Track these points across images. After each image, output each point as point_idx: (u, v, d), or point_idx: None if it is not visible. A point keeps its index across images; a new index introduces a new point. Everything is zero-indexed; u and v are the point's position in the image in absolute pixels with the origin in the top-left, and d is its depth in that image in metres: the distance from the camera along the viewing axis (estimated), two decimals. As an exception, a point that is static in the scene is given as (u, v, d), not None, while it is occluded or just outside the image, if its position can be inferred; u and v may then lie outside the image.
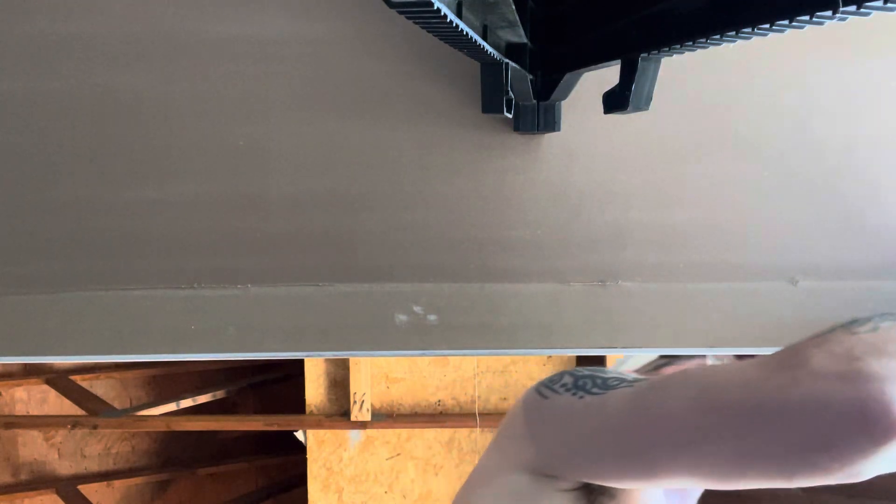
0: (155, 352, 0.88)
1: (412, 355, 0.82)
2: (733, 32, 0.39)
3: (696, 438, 0.55)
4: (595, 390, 0.67)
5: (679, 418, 0.56)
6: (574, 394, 0.68)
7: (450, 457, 3.66)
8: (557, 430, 0.68)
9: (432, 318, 0.89)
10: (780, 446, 0.51)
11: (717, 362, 1.06)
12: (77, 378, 4.13)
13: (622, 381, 0.67)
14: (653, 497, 0.71)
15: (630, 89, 0.57)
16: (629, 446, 0.60)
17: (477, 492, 0.72)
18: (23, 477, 4.21)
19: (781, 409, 0.50)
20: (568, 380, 0.71)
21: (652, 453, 0.59)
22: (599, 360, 3.61)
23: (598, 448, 0.63)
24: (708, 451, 0.55)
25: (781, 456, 0.52)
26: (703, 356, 1.02)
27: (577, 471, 0.65)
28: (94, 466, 4.42)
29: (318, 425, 3.57)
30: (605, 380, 0.68)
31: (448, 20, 0.38)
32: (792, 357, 0.53)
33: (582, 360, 3.69)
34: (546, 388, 0.73)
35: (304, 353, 0.89)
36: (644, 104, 0.59)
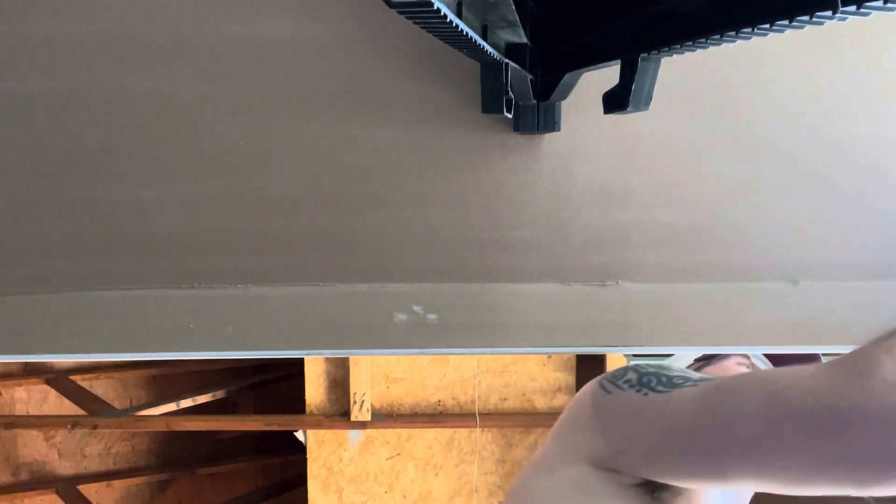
0: (154, 350, 0.88)
1: (412, 353, 0.82)
2: (733, 32, 0.39)
3: (767, 445, 0.56)
4: (660, 388, 0.67)
5: (750, 424, 0.56)
6: (638, 390, 0.67)
7: (450, 457, 3.66)
8: (621, 426, 0.68)
9: (432, 317, 0.89)
10: (855, 457, 0.51)
11: (762, 359, 1.06)
12: (77, 378, 4.13)
13: (687, 379, 0.66)
14: (710, 494, 0.71)
15: (630, 89, 0.57)
16: (698, 449, 0.60)
17: (538, 482, 0.72)
18: (23, 477, 4.21)
19: (857, 419, 0.50)
20: (632, 376, 0.71)
21: (722, 457, 0.59)
22: (599, 360, 3.61)
23: (665, 448, 0.63)
24: (780, 457, 0.55)
25: (856, 466, 0.52)
26: (745, 354, 1.02)
27: (642, 468, 0.65)
28: (94, 466, 4.42)
29: (318, 425, 3.57)
30: (669, 378, 0.68)
31: (448, 20, 0.38)
32: (862, 364, 0.53)
33: (582, 359, 3.69)
34: (609, 382, 0.72)
35: (304, 352, 0.89)
36: (644, 104, 0.59)
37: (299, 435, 3.65)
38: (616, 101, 0.59)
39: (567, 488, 0.68)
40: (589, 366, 3.74)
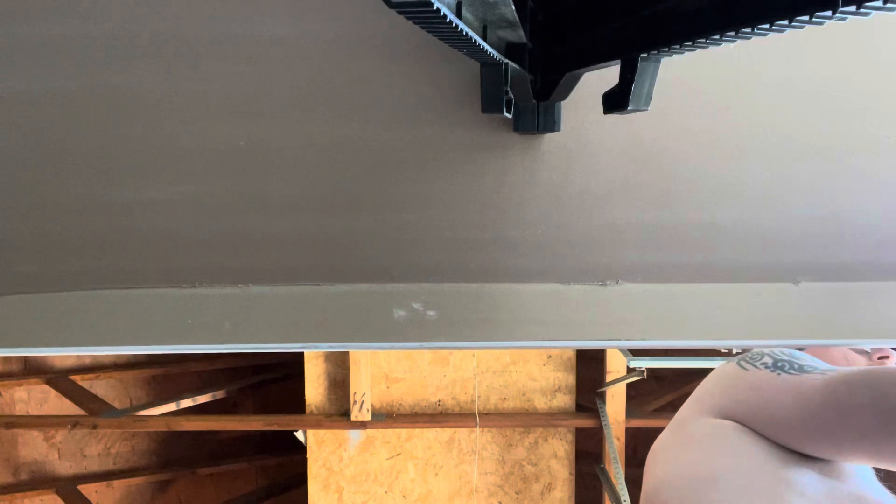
0: (151, 344, 0.89)
1: (410, 347, 0.83)
2: (733, 32, 0.39)
3: (876, 434, 0.68)
4: (791, 371, 0.79)
5: (863, 416, 0.69)
6: (773, 371, 0.80)
7: (450, 457, 3.66)
8: (751, 396, 0.80)
9: (432, 313, 0.89)
10: None
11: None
12: (77, 378, 4.13)
13: (815, 368, 0.78)
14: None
15: (630, 89, 0.57)
16: (820, 428, 0.72)
17: (673, 435, 0.84)
18: (23, 477, 4.21)
19: None
20: (768, 360, 0.84)
21: (838, 438, 0.71)
22: (599, 360, 3.61)
23: (791, 422, 0.75)
24: (886, 444, 0.68)
25: None
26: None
27: (765, 430, 0.77)
28: (94, 466, 4.42)
29: (318, 425, 3.57)
30: (801, 365, 0.80)
31: (448, 20, 0.38)
32: None
33: (581, 360, 3.70)
34: (747, 363, 0.85)
35: (301, 345, 0.89)
36: (644, 104, 0.59)
37: (299, 435, 3.65)
38: (616, 101, 0.59)
39: (702, 435, 0.80)
40: (589, 366, 3.74)
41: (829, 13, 0.31)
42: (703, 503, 0.73)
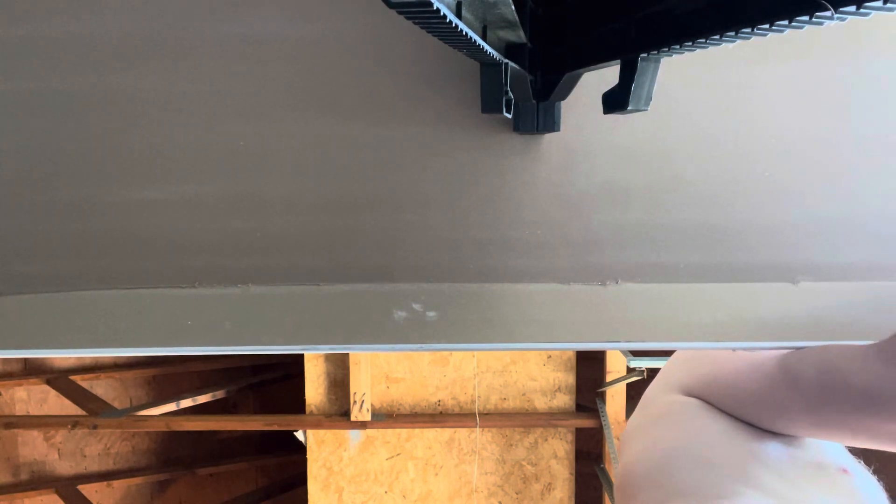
0: (151, 345, 0.88)
1: (410, 349, 0.83)
2: (733, 32, 0.39)
3: (822, 405, 0.70)
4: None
5: (810, 387, 0.71)
6: (731, 349, 0.85)
7: (450, 457, 3.67)
8: (710, 370, 0.85)
9: (431, 314, 0.89)
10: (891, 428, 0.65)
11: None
12: (77, 378, 4.14)
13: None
14: None
15: (630, 89, 0.57)
16: (770, 399, 0.75)
17: (638, 416, 0.87)
18: (23, 477, 4.21)
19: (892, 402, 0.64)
20: None
21: (788, 409, 0.74)
22: (599, 360, 3.62)
23: (745, 393, 0.78)
24: (827, 416, 0.70)
25: (890, 435, 0.66)
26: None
27: (727, 407, 0.80)
28: (94, 466, 4.42)
29: (318, 425, 3.57)
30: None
31: (448, 20, 0.38)
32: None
33: (581, 359, 3.70)
34: None
35: (302, 347, 0.89)
36: (644, 104, 0.59)
37: (299, 435, 3.65)
38: (616, 101, 0.59)
39: (667, 411, 0.83)
40: (589, 366, 3.75)
41: (828, 13, 0.31)
42: (670, 476, 0.74)
